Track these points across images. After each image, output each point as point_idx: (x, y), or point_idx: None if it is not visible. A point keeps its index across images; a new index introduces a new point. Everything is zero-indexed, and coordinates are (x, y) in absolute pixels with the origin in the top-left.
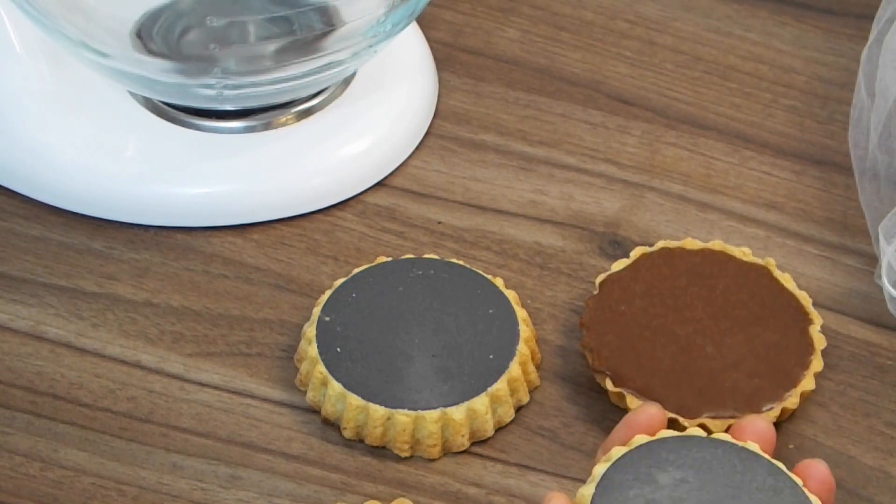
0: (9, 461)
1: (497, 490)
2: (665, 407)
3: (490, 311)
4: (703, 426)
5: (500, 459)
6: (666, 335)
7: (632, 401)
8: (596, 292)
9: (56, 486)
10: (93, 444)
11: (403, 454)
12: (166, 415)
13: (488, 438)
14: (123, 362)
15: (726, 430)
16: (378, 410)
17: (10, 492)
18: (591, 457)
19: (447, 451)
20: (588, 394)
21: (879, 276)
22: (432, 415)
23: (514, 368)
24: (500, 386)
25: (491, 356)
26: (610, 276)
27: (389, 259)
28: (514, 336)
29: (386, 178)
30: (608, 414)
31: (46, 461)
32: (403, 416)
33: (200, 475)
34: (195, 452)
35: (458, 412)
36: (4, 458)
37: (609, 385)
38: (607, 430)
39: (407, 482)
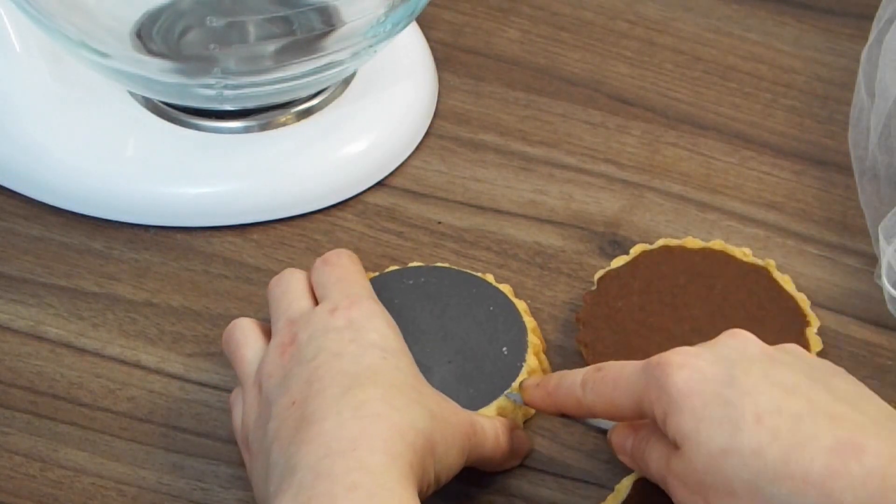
0: (9, 461)
1: (497, 490)
2: None
3: (490, 307)
4: None
5: None
6: (661, 332)
7: None
8: (594, 288)
9: (56, 486)
10: (93, 444)
11: None
12: (166, 415)
13: None
14: (123, 362)
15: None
16: None
17: (10, 492)
18: (592, 457)
19: None
20: None
21: (879, 276)
22: None
23: (531, 360)
24: (522, 379)
25: (504, 350)
26: (609, 272)
27: (376, 273)
28: (521, 327)
29: (386, 178)
30: None
31: (46, 461)
32: None
33: (200, 475)
34: (195, 452)
35: (488, 412)
36: (4, 458)
37: None
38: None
39: None
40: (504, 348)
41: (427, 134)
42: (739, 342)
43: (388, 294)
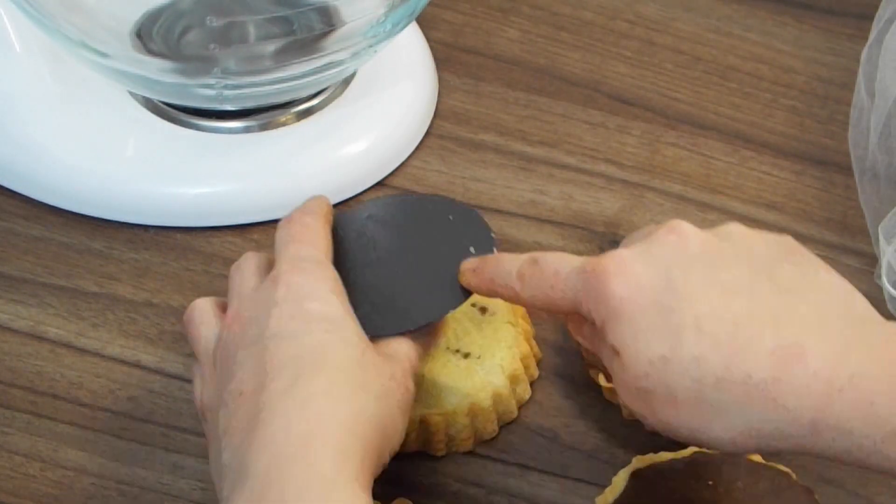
0: (9, 461)
1: (497, 490)
2: None
3: (449, 217)
4: None
5: (500, 459)
6: None
7: None
8: None
9: (56, 486)
10: (93, 444)
11: (440, 453)
12: (166, 415)
13: (489, 439)
14: (123, 362)
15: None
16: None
17: (10, 492)
18: (592, 457)
19: (478, 441)
20: (588, 393)
21: (879, 276)
22: (461, 408)
23: (515, 323)
24: (514, 362)
25: (472, 249)
26: None
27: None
28: (484, 227)
29: (386, 178)
30: (608, 413)
31: (46, 461)
32: (437, 417)
33: (200, 475)
34: (195, 452)
35: (484, 398)
36: (4, 458)
37: (602, 381)
38: (607, 430)
39: (407, 482)
40: (471, 248)
41: (427, 134)
42: (678, 238)
43: (344, 232)
